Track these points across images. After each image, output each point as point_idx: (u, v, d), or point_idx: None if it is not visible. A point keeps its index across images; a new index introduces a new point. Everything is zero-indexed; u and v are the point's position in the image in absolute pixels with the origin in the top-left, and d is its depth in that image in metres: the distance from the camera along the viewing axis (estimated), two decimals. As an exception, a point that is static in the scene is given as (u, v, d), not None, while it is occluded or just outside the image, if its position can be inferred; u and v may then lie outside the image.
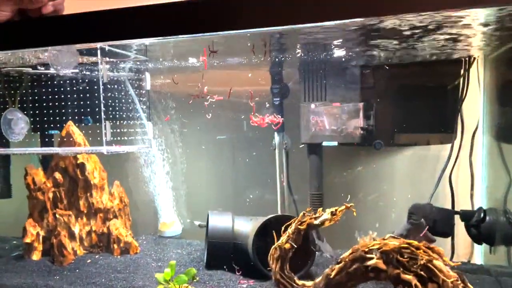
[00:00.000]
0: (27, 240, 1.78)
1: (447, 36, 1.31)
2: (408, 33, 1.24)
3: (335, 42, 1.43)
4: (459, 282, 0.99)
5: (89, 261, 1.75)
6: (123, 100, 1.80)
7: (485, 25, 1.19)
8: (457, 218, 1.62)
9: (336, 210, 1.30)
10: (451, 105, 1.72)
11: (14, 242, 2.08)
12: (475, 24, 1.18)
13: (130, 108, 1.82)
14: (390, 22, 1.10)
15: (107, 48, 1.40)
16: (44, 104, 1.84)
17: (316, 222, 1.32)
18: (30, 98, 1.86)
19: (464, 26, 1.19)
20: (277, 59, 1.73)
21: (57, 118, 1.84)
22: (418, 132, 1.75)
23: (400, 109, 1.72)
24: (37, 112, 1.86)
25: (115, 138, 1.65)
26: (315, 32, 1.27)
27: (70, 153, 1.78)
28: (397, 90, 1.73)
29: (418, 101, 1.70)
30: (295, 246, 1.31)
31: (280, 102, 1.86)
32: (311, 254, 1.50)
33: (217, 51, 1.41)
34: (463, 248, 1.81)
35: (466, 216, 1.60)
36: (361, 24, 1.13)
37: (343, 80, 1.74)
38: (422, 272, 1.00)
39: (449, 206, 1.77)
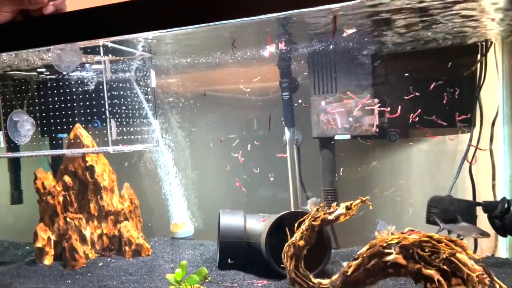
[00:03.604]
0: (39, 244, 1.77)
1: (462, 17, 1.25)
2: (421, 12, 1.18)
3: (347, 30, 1.38)
4: (485, 276, 0.93)
5: (101, 264, 1.73)
6: (129, 99, 1.77)
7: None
8: (479, 210, 1.56)
9: (351, 204, 1.26)
10: (468, 93, 1.64)
11: (27, 247, 2.07)
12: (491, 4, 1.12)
13: (137, 106, 1.79)
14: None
15: (109, 45, 1.38)
16: (51, 107, 1.82)
17: (331, 217, 1.27)
18: (37, 101, 1.85)
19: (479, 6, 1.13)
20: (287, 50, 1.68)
21: (64, 120, 1.82)
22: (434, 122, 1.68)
23: (415, 99, 1.65)
24: (43, 115, 1.85)
25: (122, 137, 1.62)
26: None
27: (77, 154, 1.76)
28: (410, 78, 1.66)
29: (433, 90, 1.63)
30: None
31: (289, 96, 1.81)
32: (326, 251, 1.45)
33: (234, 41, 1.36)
34: (487, 241, 1.73)
35: (489, 207, 1.53)
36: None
37: (354, 71, 1.68)
38: (445, 267, 0.94)
39: (470, 198, 1.70)
